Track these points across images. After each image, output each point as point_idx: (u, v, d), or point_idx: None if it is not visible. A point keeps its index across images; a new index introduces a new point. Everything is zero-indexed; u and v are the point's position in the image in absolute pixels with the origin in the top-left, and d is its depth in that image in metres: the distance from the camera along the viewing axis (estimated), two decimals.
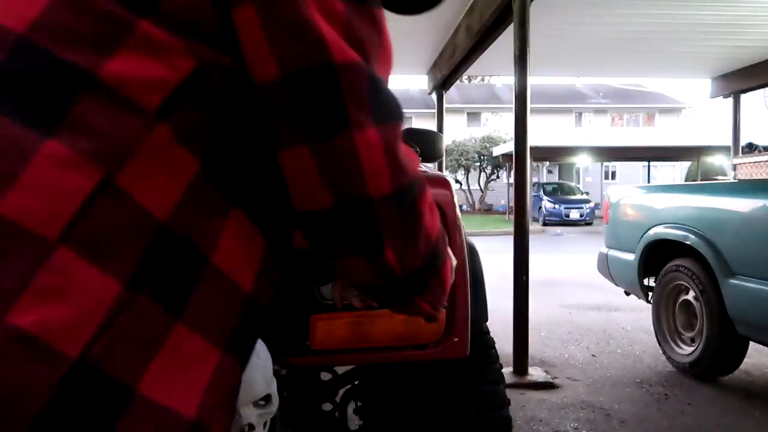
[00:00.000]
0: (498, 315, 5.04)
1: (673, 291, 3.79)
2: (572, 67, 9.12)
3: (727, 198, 3.28)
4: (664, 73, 9.36)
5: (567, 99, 30.72)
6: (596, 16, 5.90)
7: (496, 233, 15.21)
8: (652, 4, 5.55)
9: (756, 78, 7.93)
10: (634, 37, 6.62)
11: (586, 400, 3.20)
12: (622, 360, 3.95)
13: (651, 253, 3.89)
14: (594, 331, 4.75)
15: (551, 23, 5.97)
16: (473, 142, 24.53)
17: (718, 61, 7.84)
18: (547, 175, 28.23)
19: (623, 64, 8.16)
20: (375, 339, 1.23)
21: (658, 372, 3.69)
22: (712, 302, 3.29)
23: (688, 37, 6.62)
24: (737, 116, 8.76)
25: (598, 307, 5.66)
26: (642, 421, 2.92)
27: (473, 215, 22.77)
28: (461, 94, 30.41)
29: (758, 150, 4.61)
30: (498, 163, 23.54)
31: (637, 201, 4.16)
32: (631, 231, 4.11)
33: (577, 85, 32.00)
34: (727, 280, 3.12)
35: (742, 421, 2.92)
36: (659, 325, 3.91)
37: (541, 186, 21.87)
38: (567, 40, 6.76)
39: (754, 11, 5.77)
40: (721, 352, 3.35)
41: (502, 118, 29.98)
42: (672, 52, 7.36)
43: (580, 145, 20.17)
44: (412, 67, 8.41)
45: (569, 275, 7.80)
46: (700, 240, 3.32)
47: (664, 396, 3.27)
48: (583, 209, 19.76)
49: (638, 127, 30.69)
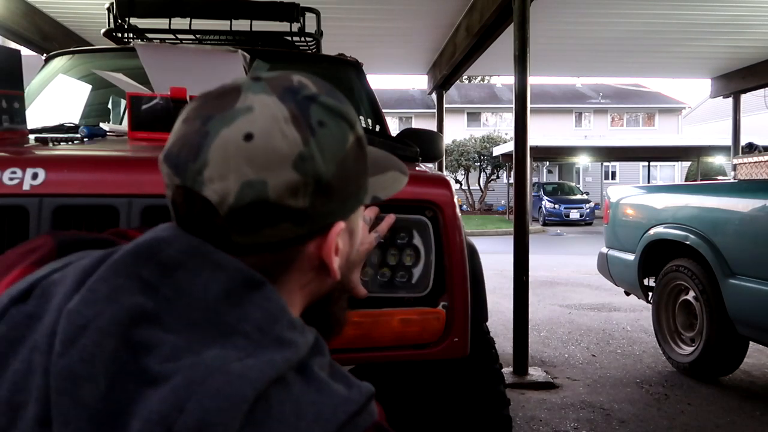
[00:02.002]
0: (498, 315, 5.06)
1: (673, 291, 3.79)
2: (572, 67, 9.12)
3: (727, 198, 3.28)
4: (664, 73, 9.35)
5: (567, 99, 30.71)
6: (596, 16, 5.90)
7: (496, 233, 15.22)
8: (652, 4, 5.55)
9: (756, 78, 7.93)
10: (634, 37, 6.62)
11: (586, 400, 3.20)
12: (622, 360, 3.95)
13: (651, 253, 3.89)
14: (594, 331, 4.75)
15: (551, 23, 5.97)
16: (473, 142, 24.52)
17: (718, 61, 7.84)
18: (547, 175, 28.22)
19: (623, 64, 8.16)
20: (375, 339, 1.23)
21: (658, 372, 3.70)
22: (712, 302, 3.29)
23: (688, 37, 6.62)
24: (737, 116, 8.77)
25: (598, 307, 5.66)
26: (642, 421, 2.92)
27: (473, 215, 22.76)
28: (461, 94, 30.41)
29: (758, 150, 4.61)
30: (498, 163, 23.53)
31: (637, 201, 4.16)
32: (631, 231, 4.11)
33: (577, 85, 31.99)
34: (727, 280, 3.12)
35: (742, 421, 2.92)
36: (659, 325, 3.91)
37: (541, 186, 21.87)
38: (567, 40, 6.76)
39: (754, 11, 5.78)
40: (721, 352, 3.35)
41: (502, 118, 29.98)
42: (672, 52, 7.36)
43: (580, 145, 20.17)
44: (412, 67, 8.42)
45: (569, 275, 7.80)
46: (700, 240, 3.32)
47: (664, 396, 3.27)
48: (583, 209, 19.75)
49: (638, 127, 30.68)
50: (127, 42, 2.70)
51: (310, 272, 0.62)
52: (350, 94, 2.65)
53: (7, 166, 1.12)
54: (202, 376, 0.47)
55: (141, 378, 0.48)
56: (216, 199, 0.55)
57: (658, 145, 19.72)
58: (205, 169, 0.54)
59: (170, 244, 0.55)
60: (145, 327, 0.50)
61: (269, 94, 0.57)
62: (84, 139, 1.60)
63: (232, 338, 0.51)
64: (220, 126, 0.55)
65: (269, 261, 0.59)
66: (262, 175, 0.54)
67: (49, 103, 2.24)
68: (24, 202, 1.10)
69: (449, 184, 1.35)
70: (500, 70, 9.45)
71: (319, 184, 0.57)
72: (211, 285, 0.53)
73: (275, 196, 0.55)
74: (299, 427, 0.48)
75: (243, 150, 0.54)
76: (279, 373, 0.49)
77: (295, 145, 0.56)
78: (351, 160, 0.61)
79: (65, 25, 6.14)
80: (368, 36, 6.61)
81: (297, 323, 0.55)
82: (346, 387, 0.53)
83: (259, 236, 0.57)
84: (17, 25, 5.25)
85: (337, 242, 0.62)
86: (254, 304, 0.53)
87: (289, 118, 0.56)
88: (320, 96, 0.60)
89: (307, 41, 2.85)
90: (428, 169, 1.58)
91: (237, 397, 0.46)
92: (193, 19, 2.60)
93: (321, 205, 0.58)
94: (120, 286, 0.52)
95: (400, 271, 1.28)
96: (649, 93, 30.90)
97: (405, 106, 29.65)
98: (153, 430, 0.45)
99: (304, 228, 0.58)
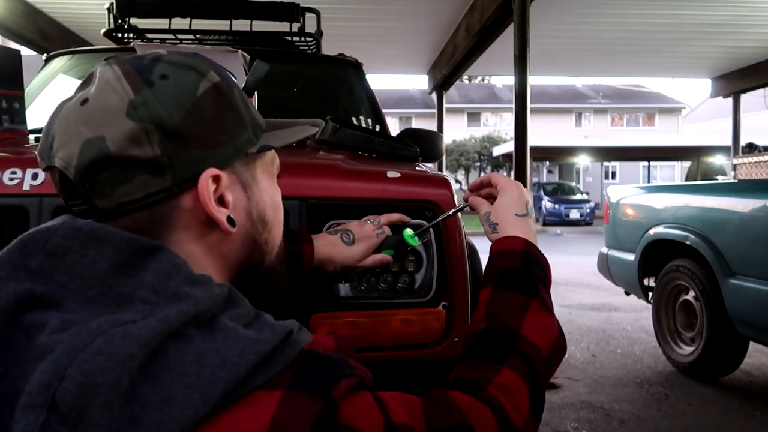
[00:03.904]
0: None
1: (673, 291, 3.79)
2: (572, 67, 9.13)
3: (727, 198, 3.28)
4: (664, 73, 9.36)
5: (567, 99, 30.72)
6: (596, 16, 5.90)
7: None
8: (652, 4, 5.55)
9: (756, 78, 7.94)
10: (634, 37, 6.63)
11: (586, 400, 3.20)
12: (622, 360, 3.95)
13: (651, 253, 3.89)
14: (594, 331, 4.75)
15: (551, 23, 5.98)
16: (473, 142, 24.54)
17: (718, 61, 7.85)
18: (547, 175, 28.22)
19: (623, 64, 8.17)
20: (375, 339, 1.23)
21: (658, 372, 3.69)
22: (712, 302, 3.29)
23: (688, 37, 6.62)
24: (737, 116, 8.77)
25: (598, 307, 5.66)
26: (642, 421, 2.92)
27: (473, 215, 22.67)
28: (461, 94, 30.42)
29: (758, 150, 4.61)
30: (498, 163, 23.54)
31: (637, 201, 4.16)
32: (631, 231, 4.11)
33: (577, 85, 32.01)
34: (727, 280, 3.12)
35: (742, 421, 2.92)
36: (659, 325, 3.90)
37: (541, 186, 21.86)
38: (567, 40, 6.76)
39: (754, 11, 5.78)
40: (721, 352, 3.34)
41: (502, 118, 29.99)
42: (672, 52, 7.36)
43: (580, 145, 20.18)
44: (412, 67, 8.43)
45: (569, 275, 7.80)
46: (700, 240, 3.32)
47: (664, 396, 3.27)
48: (583, 209, 19.75)
49: (638, 127, 30.69)
50: (127, 42, 2.70)
51: (199, 228, 0.61)
52: (350, 94, 2.65)
53: (7, 166, 1.12)
54: (83, 341, 0.47)
55: (29, 355, 0.48)
56: (63, 165, 0.57)
57: (658, 145, 19.73)
58: (54, 142, 0.58)
59: (56, 232, 0.56)
60: (38, 310, 0.51)
61: (111, 65, 0.60)
62: None
63: (132, 306, 0.51)
64: (64, 103, 0.60)
65: (142, 220, 0.58)
66: (99, 131, 0.56)
67: (49, 103, 2.24)
68: (24, 202, 1.10)
69: (449, 184, 1.35)
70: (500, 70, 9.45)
71: (164, 130, 0.57)
72: (100, 261, 0.54)
73: (116, 149, 0.55)
74: (201, 375, 0.47)
75: (79, 113, 0.57)
76: (172, 326, 0.49)
77: (126, 95, 0.57)
78: (208, 106, 0.60)
79: (65, 25, 6.14)
80: (368, 36, 6.61)
81: (199, 278, 0.55)
82: (257, 331, 0.52)
83: (120, 195, 0.57)
84: (17, 25, 5.25)
85: (226, 194, 0.61)
86: (146, 269, 0.54)
87: (121, 75, 0.58)
88: (167, 56, 0.61)
89: (307, 41, 2.85)
90: (428, 169, 1.58)
91: (121, 355, 0.46)
92: (193, 19, 2.60)
93: (177, 152, 0.58)
94: (3, 277, 0.53)
95: (402, 275, 1.27)
96: (649, 93, 30.91)
97: (405, 106, 29.67)
98: (35, 401, 0.45)
99: (167, 179, 0.57)
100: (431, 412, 0.57)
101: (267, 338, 0.51)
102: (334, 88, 2.70)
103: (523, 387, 0.65)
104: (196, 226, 0.61)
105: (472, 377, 0.66)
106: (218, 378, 0.47)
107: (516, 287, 0.76)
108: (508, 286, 0.76)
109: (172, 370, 0.47)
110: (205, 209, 0.59)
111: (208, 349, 0.49)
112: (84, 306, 0.52)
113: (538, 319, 0.73)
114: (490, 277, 0.80)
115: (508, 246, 0.83)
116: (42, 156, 0.59)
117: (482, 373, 0.65)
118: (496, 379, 0.64)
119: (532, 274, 0.79)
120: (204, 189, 0.59)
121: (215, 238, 0.62)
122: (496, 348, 0.69)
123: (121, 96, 0.57)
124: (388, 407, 0.55)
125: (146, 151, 0.56)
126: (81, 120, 0.56)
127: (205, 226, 0.61)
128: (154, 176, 0.57)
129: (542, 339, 0.71)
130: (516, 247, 0.82)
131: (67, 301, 0.52)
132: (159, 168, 0.57)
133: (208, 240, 0.62)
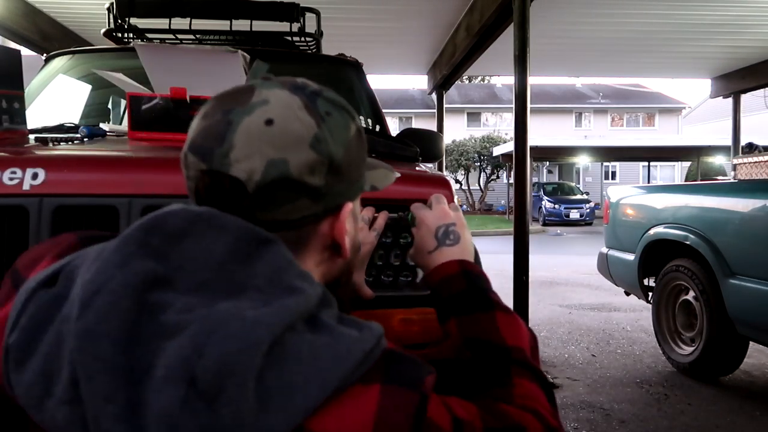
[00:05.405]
0: None
1: (673, 291, 3.79)
2: (572, 67, 9.12)
3: (727, 198, 3.28)
4: (664, 73, 9.36)
5: (567, 99, 30.70)
6: (596, 16, 5.90)
7: (496, 233, 15.21)
8: (652, 4, 5.55)
9: (756, 78, 7.93)
10: (634, 37, 6.62)
11: (586, 400, 3.20)
12: (622, 360, 3.95)
13: (651, 253, 3.89)
14: (594, 331, 4.75)
15: (551, 23, 5.97)
16: (473, 142, 24.51)
17: (718, 61, 7.85)
18: (547, 175, 28.21)
19: (623, 64, 8.16)
20: None
21: (658, 372, 3.70)
22: (712, 302, 3.29)
23: (688, 37, 6.62)
24: (737, 116, 8.76)
25: (598, 307, 5.66)
26: (642, 421, 2.92)
27: (473, 215, 22.76)
28: (461, 94, 30.41)
29: (758, 150, 4.61)
30: (498, 163, 23.52)
31: (637, 201, 4.16)
32: (631, 231, 4.11)
33: (577, 85, 31.99)
34: (727, 280, 3.12)
35: (742, 421, 2.92)
36: (659, 325, 3.91)
37: (541, 186, 21.85)
38: (567, 40, 6.76)
39: (754, 11, 5.78)
40: (721, 352, 3.35)
41: (502, 118, 29.98)
42: (672, 52, 7.36)
43: (580, 145, 20.17)
44: (412, 67, 8.42)
45: (569, 275, 7.80)
46: (700, 240, 3.32)
47: (664, 396, 3.27)
48: (583, 209, 19.74)
49: (638, 127, 30.68)
50: (127, 42, 2.70)
51: (323, 252, 0.68)
52: (350, 94, 2.65)
53: (7, 166, 1.12)
54: (218, 322, 0.50)
55: (159, 333, 0.51)
56: (244, 177, 0.60)
57: (658, 145, 19.71)
58: (231, 151, 0.60)
59: (176, 215, 0.58)
60: (159, 291, 0.53)
61: (281, 88, 0.64)
62: (84, 139, 1.59)
63: (246, 293, 0.54)
64: (241, 115, 0.61)
65: (288, 239, 0.63)
66: (283, 155, 0.60)
67: (49, 103, 2.24)
68: (24, 202, 1.10)
69: (449, 184, 1.35)
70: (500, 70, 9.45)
71: (332, 164, 0.63)
72: (216, 246, 0.56)
73: (296, 173, 0.60)
74: (318, 366, 0.51)
75: (265, 133, 0.60)
76: (292, 317, 0.52)
77: (311, 127, 0.62)
78: (354, 146, 0.68)
79: (65, 25, 6.14)
80: (368, 36, 6.61)
81: (306, 274, 0.59)
82: (358, 330, 0.57)
83: (280, 213, 0.62)
84: (17, 25, 5.25)
85: (346, 223, 0.68)
86: (262, 260, 0.57)
87: (302, 106, 0.63)
88: (324, 91, 0.68)
89: (307, 41, 2.85)
90: (428, 169, 1.58)
91: (253, 340, 0.49)
92: (193, 19, 2.60)
93: (333, 184, 0.64)
94: (130, 253, 0.55)
95: (404, 270, 1.29)
96: (649, 93, 30.90)
97: (405, 106, 29.66)
98: (176, 375, 0.48)
99: (320, 205, 0.64)
100: (485, 414, 0.62)
101: (368, 337, 0.56)
102: (334, 88, 2.67)
103: (537, 388, 0.70)
104: (321, 249, 0.68)
105: (496, 397, 0.69)
106: (332, 371, 0.51)
107: (475, 308, 0.80)
108: (468, 310, 0.80)
109: (291, 359, 0.51)
110: (335, 235, 0.67)
111: (320, 342, 0.53)
112: (200, 290, 0.54)
113: (508, 324, 0.77)
114: (446, 308, 0.83)
115: (444, 273, 0.85)
116: (205, 157, 0.61)
117: (501, 393, 0.69)
118: (515, 392, 0.69)
119: (479, 288, 0.82)
120: (344, 219, 0.67)
121: (328, 258, 0.70)
122: (497, 369, 0.73)
123: (306, 127, 0.62)
124: (450, 405, 0.59)
125: (315, 180, 0.62)
126: (266, 140, 0.60)
127: (327, 248, 0.68)
128: (312, 202, 0.63)
129: (520, 339, 0.76)
130: (450, 272, 0.85)
131: (181, 282, 0.54)
132: (318, 196, 0.63)
133: (323, 258, 0.69)
